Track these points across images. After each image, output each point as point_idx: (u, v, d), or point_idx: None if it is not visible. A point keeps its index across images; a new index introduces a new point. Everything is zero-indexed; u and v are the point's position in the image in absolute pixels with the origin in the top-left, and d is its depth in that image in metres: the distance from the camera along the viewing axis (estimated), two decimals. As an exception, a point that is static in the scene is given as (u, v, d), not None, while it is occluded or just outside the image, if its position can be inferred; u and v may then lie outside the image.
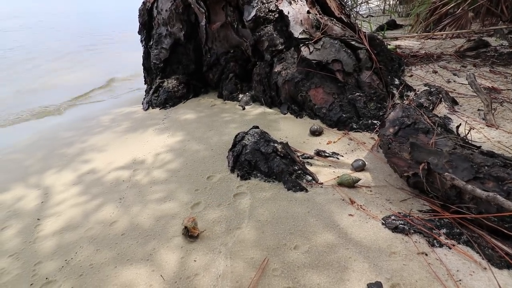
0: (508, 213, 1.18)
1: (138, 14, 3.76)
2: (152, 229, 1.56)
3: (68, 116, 3.71)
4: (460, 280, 1.13)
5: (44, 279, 1.36)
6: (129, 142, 2.59)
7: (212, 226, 1.53)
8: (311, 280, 1.19)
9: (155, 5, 3.56)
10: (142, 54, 3.83)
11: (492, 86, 2.62)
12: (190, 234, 1.46)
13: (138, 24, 3.77)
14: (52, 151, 2.62)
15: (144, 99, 3.55)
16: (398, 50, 3.81)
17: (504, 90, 2.57)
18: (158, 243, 1.46)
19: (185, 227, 1.47)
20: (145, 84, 3.97)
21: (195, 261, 1.34)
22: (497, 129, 2.06)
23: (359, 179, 1.73)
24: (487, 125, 2.12)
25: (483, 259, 1.19)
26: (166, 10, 3.45)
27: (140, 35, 3.82)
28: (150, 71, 3.75)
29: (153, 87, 3.49)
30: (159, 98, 3.35)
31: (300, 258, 1.29)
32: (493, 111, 2.19)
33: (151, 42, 3.65)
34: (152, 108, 3.34)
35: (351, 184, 1.71)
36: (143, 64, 3.86)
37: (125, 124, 2.99)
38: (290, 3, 2.96)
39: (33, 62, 6.54)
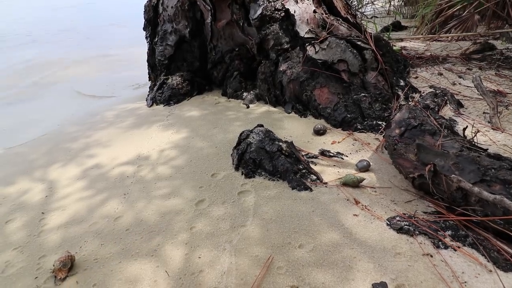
0: (514, 216, 1.18)
1: (143, 10, 3.75)
2: (156, 225, 1.57)
3: (72, 112, 3.71)
4: (465, 282, 1.13)
5: (48, 272, 1.37)
6: (134, 138, 2.60)
7: (217, 223, 1.53)
8: (316, 278, 1.19)
9: (161, 1, 3.56)
10: (146, 50, 3.83)
11: (497, 89, 2.61)
12: (54, 274, 1.33)
13: (143, 20, 3.77)
14: (56, 146, 2.63)
15: (148, 95, 3.56)
16: (403, 51, 3.79)
17: (509, 93, 2.56)
18: (163, 239, 1.47)
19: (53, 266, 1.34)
20: (149, 80, 3.97)
21: (199, 257, 1.34)
22: (502, 132, 2.06)
23: (363, 179, 1.73)
24: (492, 128, 2.11)
25: (488, 261, 1.19)
26: (172, 7, 3.45)
27: (145, 32, 3.82)
28: (155, 67, 3.74)
29: (158, 83, 3.49)
30: (163, 95, 3.35)
31: (305, 256, 1.29)
32: (498, 114, 2.18)
33: (156, 39, 3.64)
34: (156, 105, 3.34)
35: (356, 184, 1.71)
36: (148, 61, 3.86)
37: (130, 120, 3.00)
38: (297, 2, 2.96)
39: (35, 55, 6.55)
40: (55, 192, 1.97)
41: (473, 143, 1.61)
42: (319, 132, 2.34)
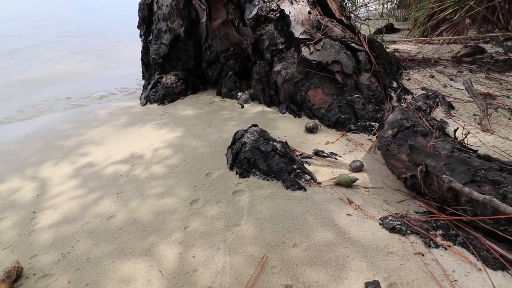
0: (503, 216, 1.21)
1: (138, 8, 3.72)
2: (150, 224, 1.56)
3: (64, 109, 3.66)
4: (455, 280, 1.15)
5: (40, 272, 1.35)
6: (127, 136, 2.58)
7: (211, 223, 1.53)
8: (310, 277, 1.20)
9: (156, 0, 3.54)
10: (140, 49, 3.80)
11: (487, 92, 2.66)
12: None
13: (138, 18, 3.74)
14: (49, 143, 2.59)
15: (141, 94, 3.53)
16: (396, 53, 3.84)
17: (499, 96, 2.61)
18: (157, 238, 1.46)
19: None
20: (143, 79, 3.94)
21: (194, 257, 1.34)
22: (492, 134, 2.10)
23: (356, 179, 1.75)
24: (482, 130, 2.15)
25: (478, 260, 1.22)
26: (167, 5, 3.43)
27: (139, 30, 3.79)
28: (149, 66, 3.72)
29: (152, 82, 3.47)
30: (157, 94, 3.34)
31: (299, 255, 1.30)
32: (488, 117, 2.23)
33: (151, 37, 3.62)
34: (150, 104, 3.32)
35: (349, 184, 1.73)
36: (142, 59, 3.83)
37: (123, 119, 2.97)
38: (292, 3, 2.97)
39: (29, 54, 6.44)
40: (47, 190, 1.94)
41: (464, 144, 1.64)
42: (311, 130, 2.36)
